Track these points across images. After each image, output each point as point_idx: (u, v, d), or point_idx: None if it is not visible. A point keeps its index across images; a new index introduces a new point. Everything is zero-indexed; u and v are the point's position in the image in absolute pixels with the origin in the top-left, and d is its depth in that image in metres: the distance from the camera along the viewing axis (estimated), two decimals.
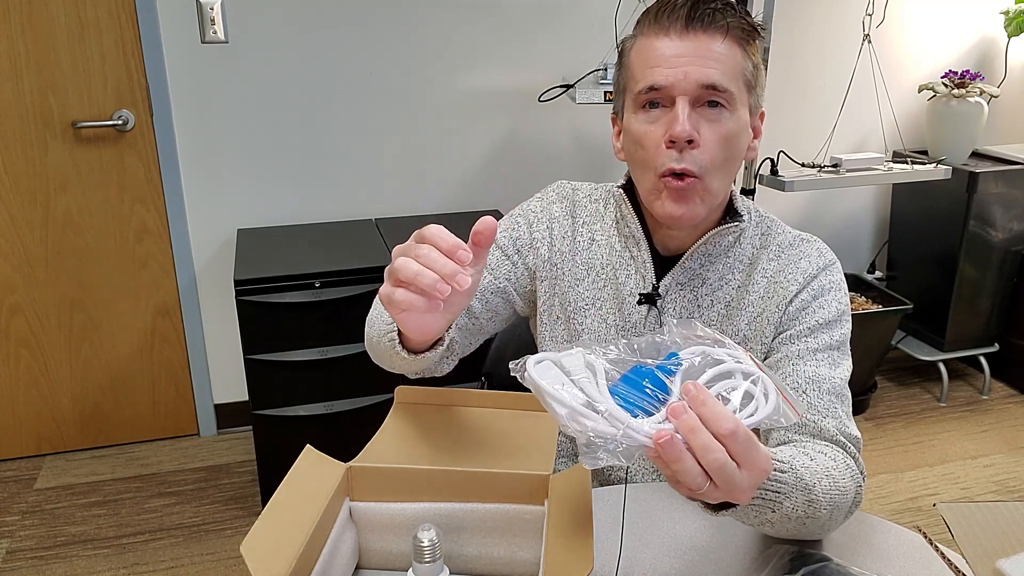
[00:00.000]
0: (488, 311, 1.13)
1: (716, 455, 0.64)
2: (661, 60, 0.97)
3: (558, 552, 0.71)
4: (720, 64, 0.96)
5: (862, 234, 3.16)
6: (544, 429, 0.92)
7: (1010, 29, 2.84)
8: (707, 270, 1.07)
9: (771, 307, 1.05)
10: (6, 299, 2.41)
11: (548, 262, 1.13)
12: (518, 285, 1.14)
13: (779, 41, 2.72)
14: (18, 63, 2.22)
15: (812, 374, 0.99)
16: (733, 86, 0.97)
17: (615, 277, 1.09)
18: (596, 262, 1.11)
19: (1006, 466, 2.53)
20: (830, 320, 1.03)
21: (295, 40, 2.39)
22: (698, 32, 0.96)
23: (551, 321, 1.13)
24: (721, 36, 0.97)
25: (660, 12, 0.98)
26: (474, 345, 1.16)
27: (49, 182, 2.34)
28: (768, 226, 1.10)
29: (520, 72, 2.60)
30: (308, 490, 0.77)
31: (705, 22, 0.96)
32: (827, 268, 1.06)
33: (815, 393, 0.98)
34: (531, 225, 1.14)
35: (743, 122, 1.00)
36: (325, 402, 2.21)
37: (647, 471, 1.13)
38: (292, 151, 2.49)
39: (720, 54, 0.96)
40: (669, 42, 0.97)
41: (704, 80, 0.95)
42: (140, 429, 2.64)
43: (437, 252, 0.75)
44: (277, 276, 2.10)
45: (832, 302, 1.04)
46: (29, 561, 2.09)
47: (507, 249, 1.13)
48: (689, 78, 0.95)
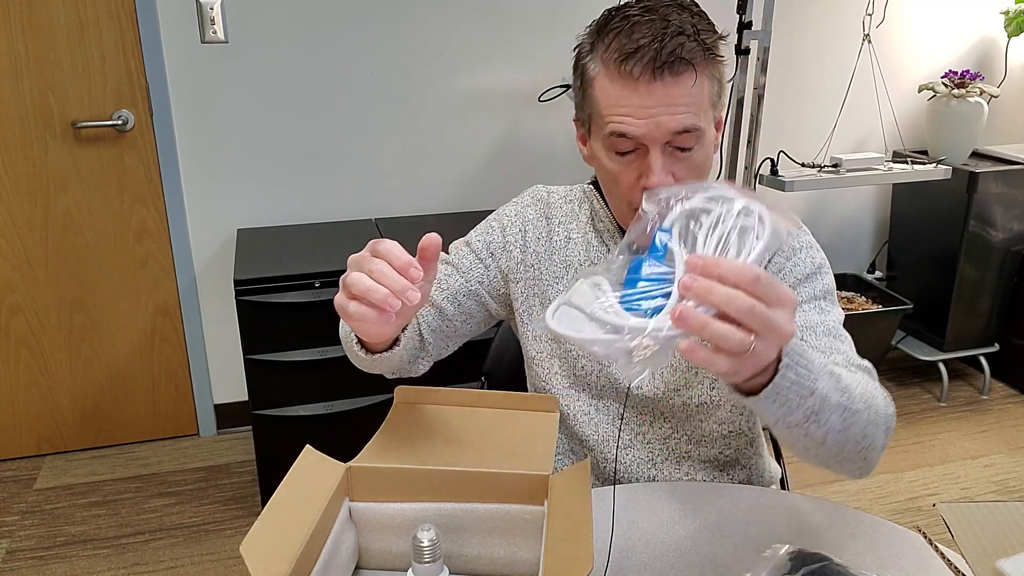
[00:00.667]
0: (461, 314, 1.14)
1: (740, 301, 0.65)
2: (630, 110, 0.93)
3: (558, 552, 0.71)
4: (691, 105, 0.93)
5: (862, 234, 3.16)
6: (544, 429, 0.92)
7: (1010, 29, 2.84)
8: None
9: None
10: (6, 299, 2.41)
11: (522, 264, 1.15)
12: (490, 288, 1.16)
13: (779, 41, 2.72)
14: (18, 63, 2.22)
15: (803, 323, 1.00)
16: (703, 119, 0.95)
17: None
18: (573, 259, 1.13)
19: (1006, 466, 2.53)
20: (809, 274, 1.04)
21: (295, 40, 2.39)
22: (667, 81, 0.92)
23: (532, 320, 1.15)
24: (691, 78, 0.93)
25: (625, 58, 0.92)
26: (451, 348, 1.18)
27: (49, 182, 2.34)
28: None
29: (520, 72, 2.60)
30: (308, 490, 0.77)
31: (673, 69, 0.92)
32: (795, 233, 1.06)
33: (811, 337, 0.98)
34: (504, 229, 1.16)
35: (711, 140, 0.99)
36: (325, 402, 2.21)
37: (641, 472, 1.13)
38: (292, 151, 2.49)
39: (691, 95, 0.93)
40: (637, 94, 0.93)
41: (677, 128, 0.93)
42: (140, 429, 2.64)
43: (390, 268, 0.78)
44: (277, 276, 2.10)
45: (806, 259, 1.05)
46: (29, 561, 2.09)
47: (480, 253, 1.15)
48: (661, 128, 0.93)
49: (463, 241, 1.19)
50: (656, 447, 1.13)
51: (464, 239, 1.19)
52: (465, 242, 1.18)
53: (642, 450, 1.13)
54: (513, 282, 1.16)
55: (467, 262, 1.15)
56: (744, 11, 2.29)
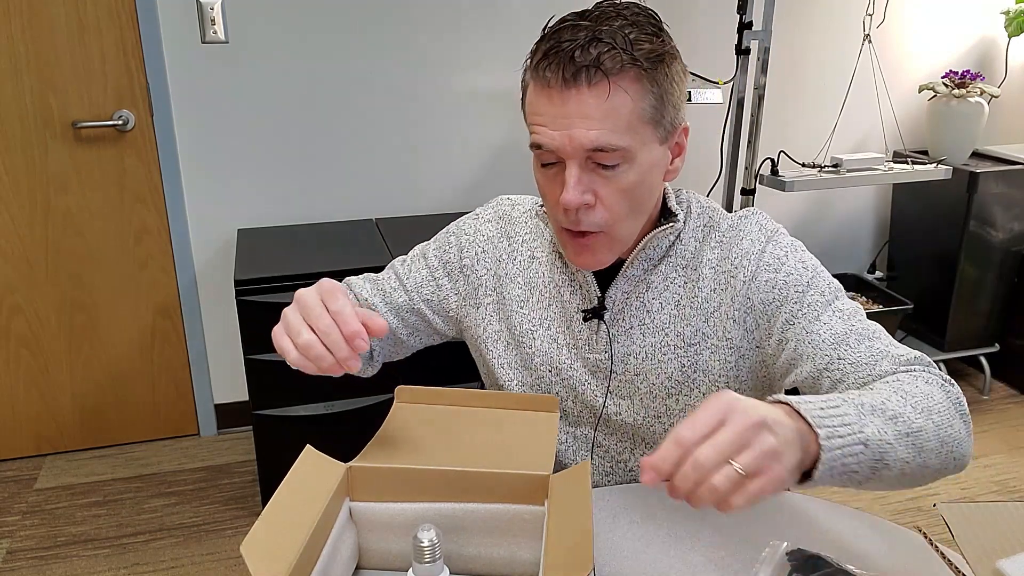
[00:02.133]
0: (407, 327, 1.12)
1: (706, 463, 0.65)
2: (545, 119, 0.89)
3: (558, 552, 0.71)
4: (607, 122, 0.87)
5: (862, 234, 3.16)
6: (544, 429, 0.92)
7: (1010, 29, 2.84)
8: (650, 274, 1.02)
9: (727, 299, 0.99)
10: (6, 299, 2.41)
11: (480, 288, 1.10)
12: (439, 307, 1.12)
13: (779, 41, 2.72)
14: (18, 63, 2.22)
15: (832, 337, 0.91)
16: (627, 139, 0.88)
17: (559, 295, 1.06)
18: (538, 281, 1.07)
19: (1006, 466, 2.53)
20: (808, 280, 0.95)
21: (295, 40, 2.39)
22: (581, 89, 0.86)
23: (500, 347, 1.09)
24: (605, 90, 0.86)
25: (542, 61, 0.88)
26: (400, 355, 1.16)
27: (49, 182, 2.34)
28: (710, 216, 1.04)
29: (520, 72, 2.59)
30: (308, 490, 0.77)
31: (588, 76, 0.86)
32: (771, 239, 0.99)
33: (848, 350, 0.90)
34: (462, 249, 1.10)
35: (648, 164, 0.92)
36: (325, 402, 2.21)
37: None
38: (292, 151, 2.49)
39: (608, 110, 0.86)
40: (550, 101, 0.88)
41: (591, 144, 0.87)
42: (140, 429, 2.64)
43: (338, 334, 0.80)
44: (277, 276, 2.10)
45: (797, 265, 0.97)
46: (29, 561, 2.09)
47: (435, 271, 1.11)
48: (574, 142, 0.87)
49: (421, 252, 1.14)
50: (637, 475, 1.09)
51: (423, 249, 1.15)
52: (422, 254, 1.14)
53: (624, 477, 1.10)
54: (472, 307, 1.10)
55: (418, 277, 1.11)
56: (744, 11, 2.29)
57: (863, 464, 0.74)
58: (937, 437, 0.80)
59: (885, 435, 0.76)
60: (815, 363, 0.91)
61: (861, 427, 0.74)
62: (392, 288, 1.12)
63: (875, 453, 0.75)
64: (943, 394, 0.84)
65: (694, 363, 1.01)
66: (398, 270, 1.14)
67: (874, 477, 0.76)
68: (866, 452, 0.74)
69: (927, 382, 0.85)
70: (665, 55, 0.90)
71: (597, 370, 1.05)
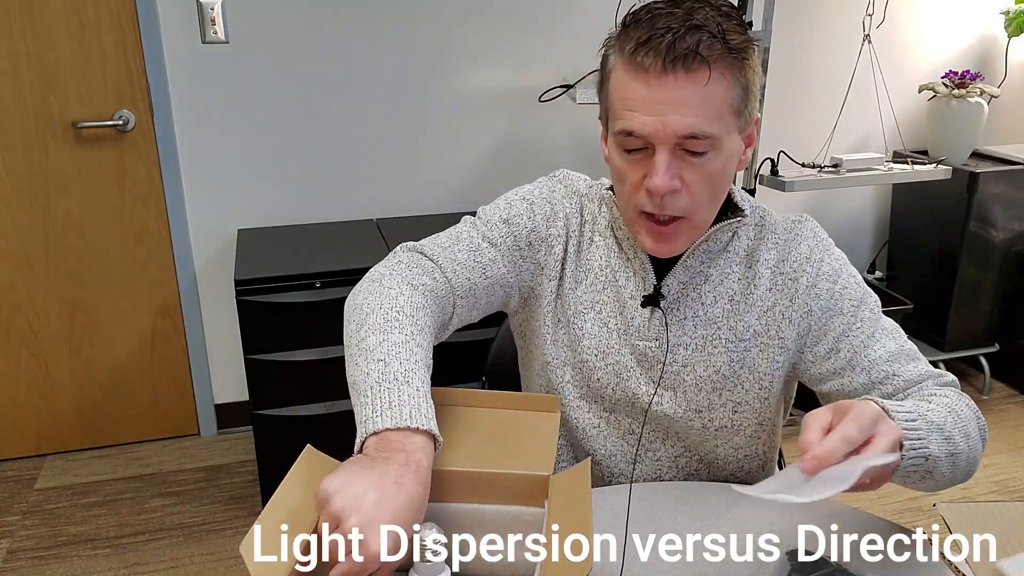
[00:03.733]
0: (489, 304, 1.07)
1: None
2: (639, 105, 0.90)
3: (558, 553, 0.71)
4: (703, 109, 0.89)
5: (862, 234, 3.15)
6: (544, 429, 0.92)
7: (1010, 29, 2.84)
8: (708, 267, 1.04)
9: (784, 299, 1.03)
10: (6, 299, 2.41)
11: (560, 262, 1.08)
12: (522, 280, 1.08)
13: (779, 41, 2.72)
14: (18, 63, 2.22)
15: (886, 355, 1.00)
16: (717, 127, 0.90)
17: (615, 280, 1.06)
18: (595, 264, 1.07)
19: (1006, 466, 2.53)
20: (861, 296, 1.03)
21: (295, 40, 2.39)
22: (679, 75, 0.88)
23: (554, 324, 1.09)
24: (704, 77, 0.88)
25: (638, 47, 0.89)
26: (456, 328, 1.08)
27: (49, 182, 2.34)
28: (762, 215, 1.07)
29: (520, 72, 2.60)
30: (308, 490, 0.77)
31: (686, 63, 0.87)
32: (827, 250, 1.06)
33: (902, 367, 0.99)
34: (548, 219, 1.08)
35: (730, 152, 0.94)
36: (325, 402, 2.21)
37: (648, 477, 1.13)
38: (292, 151, 2.49)
39: (703, 97, 0.88)
40: (647, 87, 0.89)
41: (685, 131, 0.89)
42: (140, 429, 2.64)
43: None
44: (277, 276, 2.10)
45: (850, 280, 1.04)
46: (29, 561, 2.09)
47: (521, 240, 1.06)
48: (668, 128, 0.89)
49: (500, 218, 1.07)
50: (665, 465, 1.10)
51: (499, 214, 1.08)
52: (503, 219, 1.07)
53: (650, 466, 1.10)
54: (547, 279, 1.08)
55: (508, 247, 1.05)
56: (744, 11, 2.29)
57: (917, 473, 0.86)
58: (967, 459, 0.91)
59: (940, 452, 0.86)
60: (870, 376, 1.00)
61: (927, 443, 0.85)
62: (491, 260, 1.05)
63: (930, 466, 0.86)
64: (972, 416, 0.95)
65: (743, 359, 1.04)
66: (488, 235, 1.06)
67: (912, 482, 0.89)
68: (924, 465, 0.85)
69: (967, 405, 0.96)
70: (750, 46, 0.93)
71: (644, 358, 1.06)
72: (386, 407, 0.80)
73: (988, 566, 0.73)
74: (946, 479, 0.90)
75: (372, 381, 0.83)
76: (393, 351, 0.86)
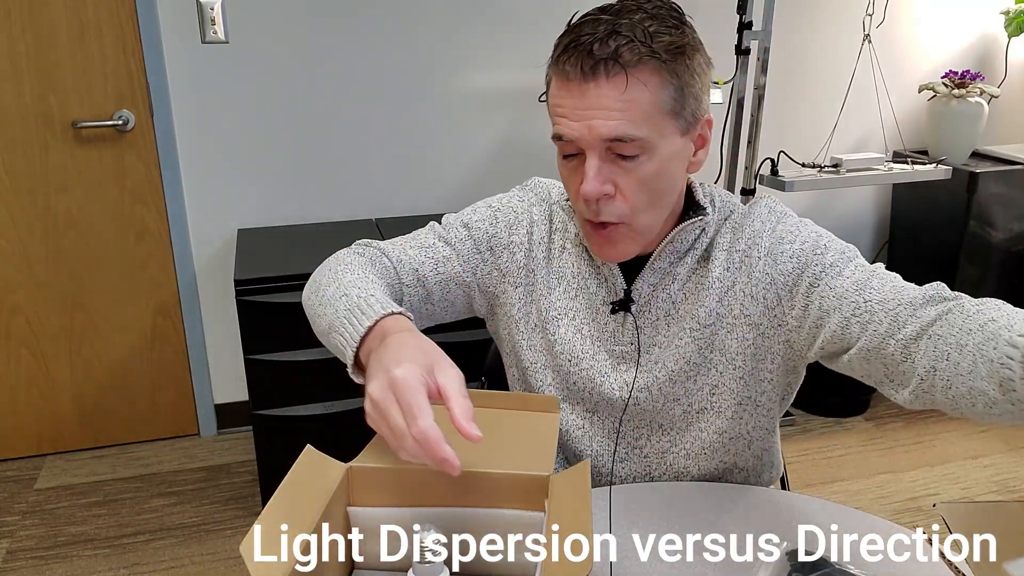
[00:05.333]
0: (445, 301, 1.10)
1: None
2: (566, 111, 0.92)
3: (558, 553, 0.71)
4: (627, 113, 0.89)
5: (862, 234, 3.16)
6: (544, 429, 0.92)
7: (1010, 29, 2.84)
8: (676, 267, 1.04)
9: (742, 276, 1.01)
10: (6, 299, 2.41)
11: (524, 268, 1.10)
12: (483, 283, 1.11)
13: (779, 41, 2.72)
14: (18, 63, 2.22)
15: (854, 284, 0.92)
16: (646, 129, 0.90)
17: (586, 286, 1.07)
18: (567, 271, 1.08)
19: (1006, 466, 2.53)
20: (825, 244, 0.98)
21: (295, 40, 2.39)
22: (600, 80, 0.89)
23: (528, 329, 1.10)
24: (623, 82, 0.88)
25: (562, 54, 0.91)
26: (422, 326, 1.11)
27: (49, 182, 2.34)
28: (730, 209, 1.06)
29: (520, 72, 2.60)
30: (308, 490, 0.77)
31: (607, 68, 0.88)
32: (781, 219, 1.03)
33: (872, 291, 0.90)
34: (510, 227, 1.10)
35: (668, 155, 0.94)
36: (325, 402, 2.21)
37: (638, 475, 1.13)
38: (292, 151, 2.49)
39: (626, 101, 0.89)
40: (569, 94, 0.91)
41: (609, 134, 0.89)
42: (140, 429, 2.64)
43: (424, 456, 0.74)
44: (277, 276, 2.10)
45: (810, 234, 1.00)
46: (29, 561, 2.09)
47: (481, 244, 1.09)
48: (593, 132, 0.90)
49: (460, 222, 1.11)
50: (653, 461, 1.10)
51: (461, 219, 1.11)
52: (463, 223, 1.10)
53: (639, 464, 1.10)
54: (512, 286, 1.10)
55: (466, 249, 1.09)
56: (744, 11, 2.29)
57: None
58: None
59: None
60: (842, 313, 0.91)
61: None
62: (444, 257, 1.08)
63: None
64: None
65: (711, 343, 1.03)
66: (444, 236, 1.10)
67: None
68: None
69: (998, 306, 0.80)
70: (686, 47, 0.92)
71: (621, 361, 1.07)
72: (360, 316, 0.87)
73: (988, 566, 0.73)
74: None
75: (342, 312, 0.90)
76: (349, 284, 0.95)
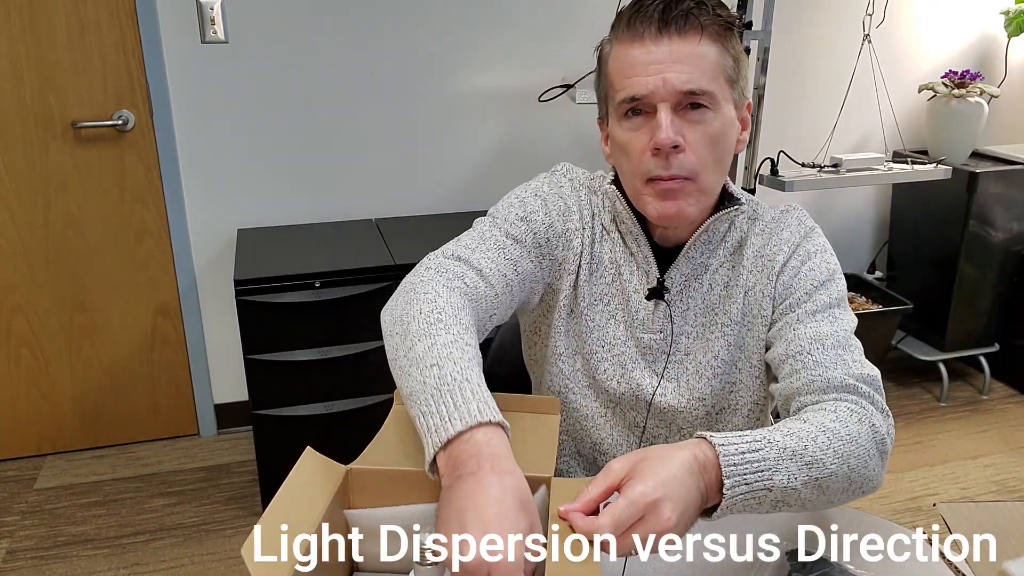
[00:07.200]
0: (515, 300, 1.06)
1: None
2: (638, 69, 0.96)
3: (562, 558, 0.71)
4: (698, 66, 0.95)
5: (862, 234, 3.16)
6: (545, 430, 0.92)
7: (1010, 29, 2.84)
8: (708, 258, 1.07)
9: (762, 279, 1.05)
10: (6, 299, 2.41)
11: (575, 255, 1.09)
12: (547, 276, 1.09)
13: (779, 41, 2.72)
14: (18, 63, 2.22)
15: (813, 334, 0.98)
16: (714, 86, 0.96)
17: (620, 273, 1.09)
18: (604, 257, 1.09)
19: (1006, 466, 2.53)
20: (824, 280, 1.03)
21: (295, 40, 2.39)
22: (673, 36, 0.95)
23: (568, 316, 1.11)
24: (696, 37, 0.95)
25: (633, 18, 0.97)
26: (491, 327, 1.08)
27: (49, 182, 2.34)
28: (755, 208, 1.10)
29: (520, 72, 2.60)
30: (308, 492, 0.77)
31: (679, 24, 0.95)
32: (809, 234, 1.07)
33: (819, 350, 0.97)
34: (562, 215, 1.08)
35: (728, 118, 0.99)
36: (325, 402, 2.21)
37: None
38: (292, 151, 2.49)
39: (697, 56, 0.95)
40: (644, 49, 0.96)
41: (683, 85, 0.94)
42: (140, 429, 2.64)
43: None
44: (277, 276, 2.10)
45: (821, 264, 1.04)
46: (29, 561, 2.09)
47: (540, 237, 1.06)
48: (668, 84, 0.95)
49: (516, 216, 1.06)
50: None
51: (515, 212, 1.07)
52: (520, 217, 1.06)
53: None
54: (567, 274, 1.09)
55: (531, 244, 1.06)
56: (744, 11, 2.29)
57: (765, 503, 0.81)
58: (847, 479, 0.86)
59: (794, 481, 0.81)
60: (788, 347, 0.99)
61: (772, 474, 0.80)
62: (517, 256, 1.04)
63: (779, 495, 0.81)
64: (869, 433, 0.89)
65: (739, 342, 1.07)
66: (511, 233, 1.05)
67: (776, 511, 0.83)
68: (770, 495, 0.80)
69: (860, 420, 0.89)
70: (735, 27, 0.99)
71: (648, 350, 1.09)
72: (452, 410, 0.79)
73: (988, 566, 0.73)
74: (821, 503, 0.85)
75: (431, 388, 0.81)
76: (444, 353, 0.84)
